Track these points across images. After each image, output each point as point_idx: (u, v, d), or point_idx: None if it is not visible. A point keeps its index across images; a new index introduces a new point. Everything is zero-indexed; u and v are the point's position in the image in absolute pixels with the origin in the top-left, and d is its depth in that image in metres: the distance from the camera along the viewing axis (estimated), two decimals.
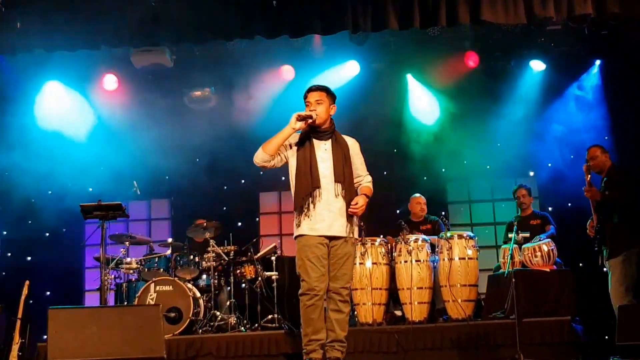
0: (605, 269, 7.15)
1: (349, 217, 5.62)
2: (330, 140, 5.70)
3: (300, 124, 5.54)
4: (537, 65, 9.95)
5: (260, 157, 5.67)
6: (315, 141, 5.68)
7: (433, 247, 7.83)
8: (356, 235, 5.79)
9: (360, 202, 5.58)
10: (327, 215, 5.58)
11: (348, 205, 5.59)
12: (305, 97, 5.75)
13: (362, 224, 7.91)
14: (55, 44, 8.11)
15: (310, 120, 5.55)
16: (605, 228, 6.95)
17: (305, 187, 5.61)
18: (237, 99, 10.27)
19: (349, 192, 5.64)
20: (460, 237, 7.61)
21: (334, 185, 5.61)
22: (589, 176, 7.01)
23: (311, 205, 5.58)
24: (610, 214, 6.93)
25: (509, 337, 6.79)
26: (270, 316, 8.26)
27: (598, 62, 9.99)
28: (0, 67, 9.71)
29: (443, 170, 10.50)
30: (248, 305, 8.64)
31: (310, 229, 5.58)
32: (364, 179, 5.85)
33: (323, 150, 5.67)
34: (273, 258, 8.63)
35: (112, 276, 8.65)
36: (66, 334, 5.12)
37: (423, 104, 10.45)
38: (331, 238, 5.61)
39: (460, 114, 10.16)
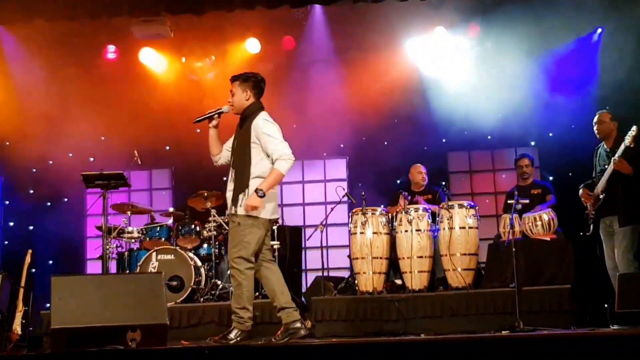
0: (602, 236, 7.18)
1: (234, 197, 5.85)
2: (241, 128, 5.98)
3: (213, 122, 6.01)
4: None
5: (212, 158, 6.18)
6: (238, 127, 6.04)
7: (434, 216, 7.85)
8: (240, 212, 5.85)
9: (251, 203, 5.72)
10: (229, 197, 5.95)
11: (237, 188, 5.84)
12: None
13: (362, 193, 7.98)
14: (55, 14, 8.07)
15: (216, 116, 5.99)
16: (616, 197, 6.94)
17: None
18: (237, 69, 10.21)
19: (240, 176, 5.84)
20: (460, 206, 7.63)
21: (230, 171, 5.97)
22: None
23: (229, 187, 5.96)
24: (626, 184, 6.90)
25: (508, 305, 6.85)
26: None
27: (599, 30, 9.91)
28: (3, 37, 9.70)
29: (443, 140, 10.50)
30: None
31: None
32: (273, 157, 5.83)
33: (235, 137, 6.01)
34: (274, 227, 8.65)
35: (114, 245, 8.69)
36: (69, 301, 5.12)
37: (422, 74, 10.40)
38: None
39: (461, 83, 10.12)
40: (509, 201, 7.85)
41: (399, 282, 7.90)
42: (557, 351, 4.27)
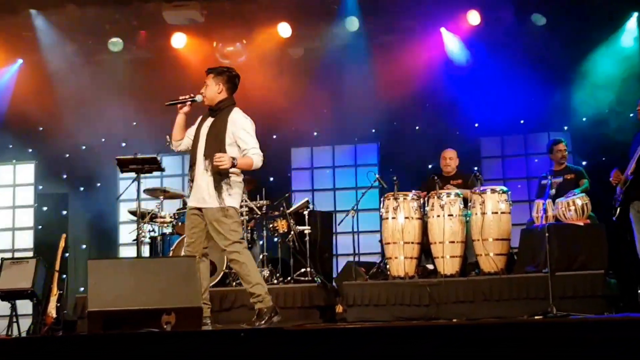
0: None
1: (217, 187, 5.88)
2: (214, 118, 6.03)
3: (185, 109, 6.10)
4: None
5: (171, 142, 6.26)
6: (207, 119, 6.10)
7: (465, 201, 7.82)
8: (229, 203, 5.92)
9: (223, 156, 5.77)
10: (198, 188, 5.97)
11: (215, 179, 5.88)
12: None
13: (395, 178, 7.97)
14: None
15: (189, 102, 6.06)
16: None
17: (190, 160, 6.09)
18: (268, 54, 10.25)
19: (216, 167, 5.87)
20: (493, 191, 7.59)
21: (202, 160, 5.95)
22: None
23: (190, 177, 6.08)
24: None
25: (541, 291, 6.80)
26: (302, 270, 8.34)
27: (635, 14, 9.78)
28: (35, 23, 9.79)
29: (476, 125, 10.44)
30: (281, 259, 8.74)
31: (190, 199, 6.09)
32: (249, 151, 5.93)
33: (206, 127, 6.03)
34: (305, 213, 8.68)
35: (147, 230, 8.77)
36: (105, 284, 5.19)
37: (455, 58, 10.33)
38: (200, 209, 6.00)
39: (493, 67, 10.05)
40: (542, 182, 7.81)
41: (430, 267, 7.88)
42: (590, 337, 4.24)
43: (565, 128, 10.32)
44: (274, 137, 10.91)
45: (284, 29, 10.10)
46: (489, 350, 3.98)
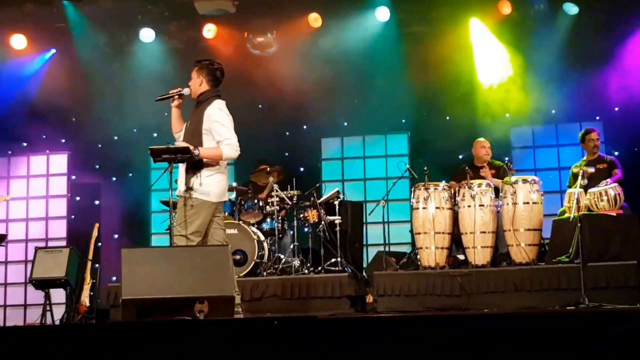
0: None
1: (187, 179, 5.95)
2: (195, 111, 6.13)
3: (174, 102, 6.22)
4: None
5: (174, 135, 6.35)
6: (193, 111, 6.18)
7: (497, 192, 7.79)
8: (195, 195, 5.95)
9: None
10: (180, 177, 6.08)
11: (189, 170, 5.96)
12: None
13: (425, 168, 7.97)
14: None
15: (176, 97, 6.18)
16: None
17: None
18: (299, 44, 10.26)
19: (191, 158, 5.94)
20: (524, 181, 7.56)
21: None
22: None
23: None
24: None
25: (573, 282, 6.79)
26: (333, 259, 8.36)
27: None
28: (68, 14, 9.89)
29: (507, 115, 10.37)
30: (311, 249, 8.77)
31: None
32: (222, 142, 6.00)
33: (189, 119, 6.15)
34: (336, 203, 8.69)
35: None
36: (139, 272, 5.24)
37: (486, 48, 10.26)
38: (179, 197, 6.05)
39: (524, 57, 9.98)
40: (574, 169, 7.77)
41: (461, 257, 7.87)
42: (623, 328, 4.21)
43: (597, 118, 10.22)
44: (304, 127, 10.97)
45: (315, 20, 10.10)
46: (520, 341, 3.96)
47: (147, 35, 10.25)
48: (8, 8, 9.62)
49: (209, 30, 10.23)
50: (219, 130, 5.97)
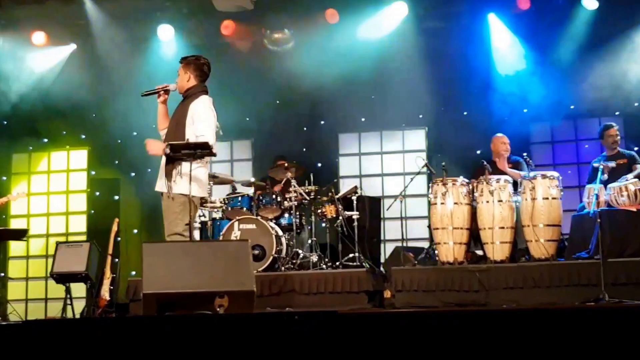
0: None
1: (167, 174, 6.00)
2: (180, 105, 6.15)
3: (160, 98, 6.24)
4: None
5: (159, 132, 6.35)
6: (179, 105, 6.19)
7: (515, 187, 7.78)
8: (176, 191, 6.01)
9: (151, 144, 6.03)
10: (160, 172, 6.12)
11: (166, 164, 6.00)
12: None
13: (443, 163, 7.96)
14: None
15: (162, 92, 6.21)
16: None
17: None
18: (316, 40, 10.28)
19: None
20: (543, 176, 7.53)
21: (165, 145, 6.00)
22: None
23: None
24: None
25: (593, 277, 6.76)
26: (351, 255, 8.38)
27: None
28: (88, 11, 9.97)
29: (525, 110, 10.34)
30: (329, 244, 8.79)
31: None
32: (198, 139, 6.00)
33: (174, 113, 6.17)
34: (354, 198, 8.71)
35: (197, 214, 8.88)
36: (159, 267, 5.29)
37: (503, 43, 10.23)
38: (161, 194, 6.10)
39: (542, 52, 9.94)
40: (594, 164, 7.73)
41: (480, 252, 7.87)
42: None
43: (617, 113, 10.15)
44: (322, 123, 10.98)
45: (331, 15, 10.10)
46: (540, 336, 3.97)
47: (165, 32, 10.31)
48: (30, 5, 9.71)
49: (227, 27, 10.26)
50: (198, 126, 6.02)
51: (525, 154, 8.77)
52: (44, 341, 4.23)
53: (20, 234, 9.26)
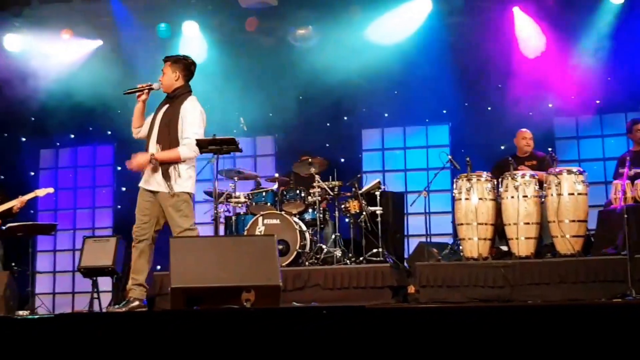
0: None
1: (165, 174, 6.00)
2: (169, 105, 6.14)
3: (143, 97, 6.26)
4: None
5: (132, 130, 6.43)
6: (164, 105, 6.21)
7: (540, 183, 7.75)
8: (176, 189, 6.05)
9: (137, 159, 6.05)
10: (148, 171, 6.08)
11: (163, 166, 6.01)
12: None
13: (468, 159, 7.95)
14: None
15: (146, 90, 6.23)
16: None
17: (145, 144, 6.22)
18: (339, 36, 10.29)
19: None
20: (569, 172, 7.50)
21: (155, 145, 6.06)
22: None
23: None
24: None
25: (620, 273, 6.71)
26: (374, 250, 8.39)
27: None
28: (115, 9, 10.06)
29: (550, 105, 10.29)
30: (353, 239, 8.81)
31: (141, 180, 6.20)
32: (183, 141, 6.05)
33: (162, 112, 6.14)
34: (377, 193, 8.72)
35: (221, 210, 8.94)
36: (187, 261, 5.34)
37: (527, 37, 10.18)
38: (153, 192, 6.13)
39: (568, 47, 9.89)
40: (620, 170, 7.68)
41: (504, 248, 7.85)
42: None
43: None
44: (345, 118, 11.00)
45: (355, 11, 10.11)
46: (565, 332, 3.96)
47: (190, 28, 10.37)
48: (57, 3, 9.82)
49: (251, 23, 10.30)
50: (186, 128, 6.07)
51: (550, 149, 8.73)
52: (72, 334, 4.28)
53: (49, 229, 9.38)
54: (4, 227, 8.36)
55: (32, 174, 11.43)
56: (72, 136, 11.33)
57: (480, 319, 4.23)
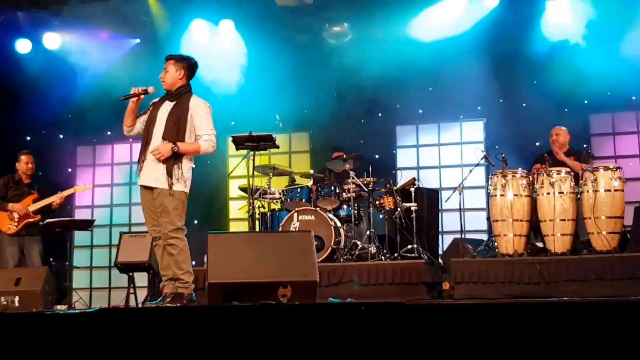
0: None
1: (168, 171, 5.98)
2: (173, 102, 6.12)
3: (133, 99, 6.13)
4: None
5: (124, 128, 6.31)
6: (165, 102, 6.18)
7: (576, 179, 7.71)
8: (177, 188, 6.05)
9: (160, 148, 5.94)
10: (148, 167, 6.06)
11: (168, 162, 5.97)
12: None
13: (503, 155, 7.93)
14: None
15: (142, 95, 6.14)
16: None
17: (143, 141, 6.17)
18: (374, 33, 10.31)
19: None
20: (605, 168, 7.46)
21: (161, 141, 6.01)
22: None
23: (142, 157, 6.13)
24: None
25: None
26: (409, 246, 8.40)
27: None
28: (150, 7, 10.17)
29: (585, 101, 10.21)
30: (387, 236, 8.83)
31: (140, 178, 6.16)
32: (202, 137, 6.09)
33: (164, 110, 6.11)
34: (412, 189, 8.72)
35: (256, 205, 9.00)
36: (224, 257, 5.40)
37: (563, 32, 10.10)
38: (151, 189, 6.08)
39: (603, 42, 9.80)
40: None
41: (540, 244, 7.83)
42: None
43: None
44: (379, 115, 11.01)
45: (391, 9, 10.10)
46: (601, 329, 3.95)
47: (226, 26, 10.46)
48: (95, 2, 9.96)
49: (285, 22, 10.38)
50: (200, 125, 6.11)
51: (585, 146, 8.68)
52: (108, 329, 4.33)
53: (87, 224, 9.51)
54: (43, 223, 8.48)
55: (70, 170, 11.60)
56: (109, 133, 11.47)
57: (515, 316, 4.23)
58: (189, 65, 6.29)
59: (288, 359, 3.93)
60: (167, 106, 6.16)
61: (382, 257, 8.29)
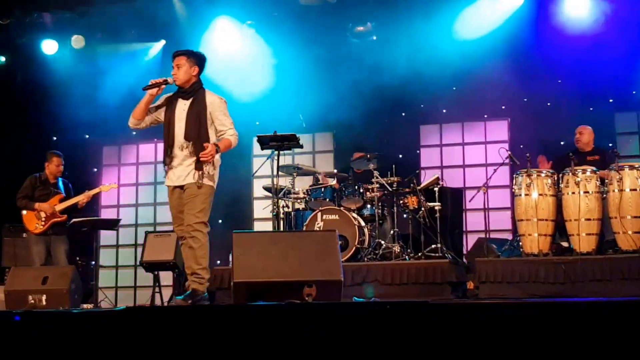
0: None
1: (198, 167, 6.03)
2: (189, 100, 6.10)
3: (153, 90, 6.11)
4: None
5: (131, 121, 6.29)
6: (179, 100, 6.17)
7: (601, 179, 7.67)
8: (206, 182, 6.12)
9: (208, 148, 5.95)
10: (179, 168, 6.10)
11: (198, 158, 5.99)
12: (172, 60, 6.25)
13: (528, 154, 7.89)
14: None
15: (163, 85, 6.11)
16: None
17: (165, 143, 6.19)
18: (398, 33, 10.31)
19: (200, 148, 6.01)
20: (631, 167, 7.40)
21: (184, 142, 6.04)
22: None
23: (168, 160, 6.17)
24: None
25: None
26: (433, 246, 8.39)
27: None
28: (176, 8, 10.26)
29: (610, 100, 10.14)
30: (411, 235, 8.82)
31: (168, 179, 6.22)
32: (226, 132, 6.13)
33: (181, 110, 6.10)
34: (436, 189, 8.71)
35: (280, 205, 9.04)
36: (249, 256, 5.43)
37: (587, 30, 10.03)
38: (181, 187, 6.13)
39: (627, 39, 9.72)
40: None
41: (565, 244, 7.79)
42: None
43: None
44: (403, 114, 11.00)
45: (414, 8, 10.10)
46: (627, 329, 3.93)
47: (249, 26, 10.52)
48: (120, 3, 10.06)
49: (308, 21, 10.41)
50: (223, 120, 6.16)
51: (610, 145, 8.62)
52: (134, 328, 4.38)
53: (113, 224, 9.60)
54: (69, 223, 8.57)
55: (95, 170, 11.71)
56: (134, 133, 11.55)
57: (540, 315, 4.23)
58: (202, 62, 6.30)
59: (314, 357, 3.95)
60: (183, 105, 6.17)
61: (406, 257, 8.29)
